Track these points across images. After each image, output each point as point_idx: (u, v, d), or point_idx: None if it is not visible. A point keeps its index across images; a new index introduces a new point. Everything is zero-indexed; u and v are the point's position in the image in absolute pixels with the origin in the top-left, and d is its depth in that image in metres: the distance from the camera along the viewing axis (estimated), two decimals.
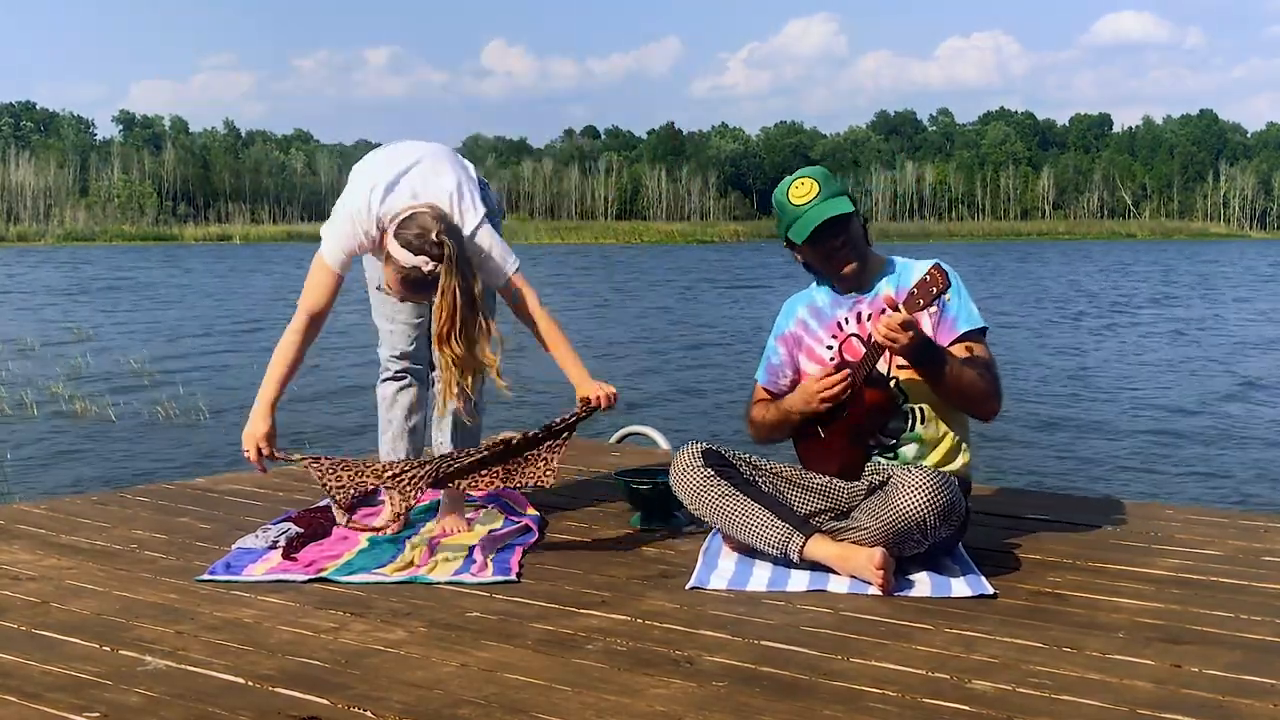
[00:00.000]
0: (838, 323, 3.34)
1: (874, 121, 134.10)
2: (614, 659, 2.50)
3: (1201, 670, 2.40)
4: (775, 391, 3.47)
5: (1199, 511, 4.18)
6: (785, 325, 3.45)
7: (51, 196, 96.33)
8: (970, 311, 3.26)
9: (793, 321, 3.43)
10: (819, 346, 3.36)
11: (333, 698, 2.27)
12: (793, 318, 3.44)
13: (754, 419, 3.46)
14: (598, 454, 5.03)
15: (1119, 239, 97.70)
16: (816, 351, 3.37)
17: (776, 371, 3.46)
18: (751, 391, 3.57)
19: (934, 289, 3.02)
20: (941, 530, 3.02)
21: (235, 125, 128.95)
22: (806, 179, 3.26)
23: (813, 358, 3.37)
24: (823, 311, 3.38)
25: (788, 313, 3.47)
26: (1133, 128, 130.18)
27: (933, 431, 3.25)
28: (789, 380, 3.45)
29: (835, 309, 3.35)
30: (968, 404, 3.23)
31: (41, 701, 2.24)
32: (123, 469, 8.98)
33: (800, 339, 3.41)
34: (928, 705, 2.23)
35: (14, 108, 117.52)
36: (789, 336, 3.43)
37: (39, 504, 4.22)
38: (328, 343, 17.68)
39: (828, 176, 3.28)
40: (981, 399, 3.20)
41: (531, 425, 3.44)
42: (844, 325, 3.32)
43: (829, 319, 3.36)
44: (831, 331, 3.34)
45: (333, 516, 3.68)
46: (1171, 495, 8.10)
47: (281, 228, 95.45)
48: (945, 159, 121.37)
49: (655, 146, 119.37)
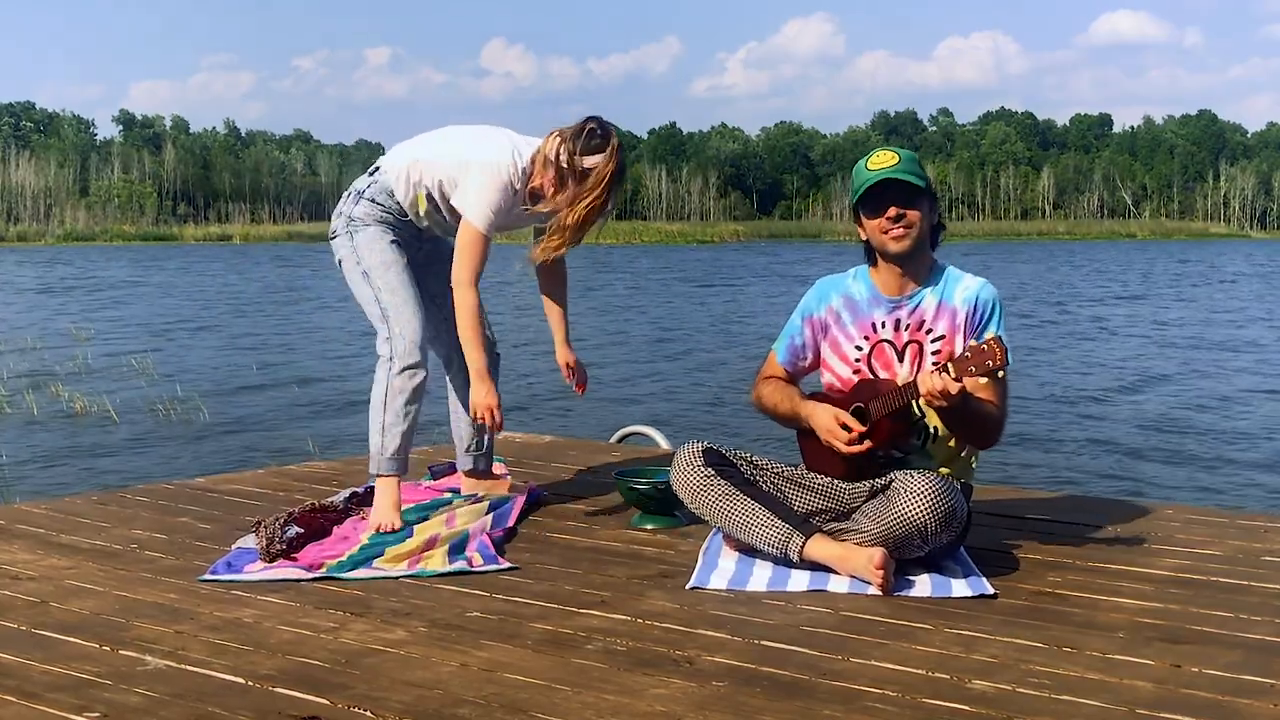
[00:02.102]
0: (873, 324, 3.27)
1: (874, 121, 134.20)
2: (614, 659, 2.50)
3: (1201, 670, 2.40)
4: (793, 371, 3.41)
5: (1199, 511, 4.18)
6: (814, 308, 3.36)
7: (51, 196, 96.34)
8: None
9: (823, 307, 3.34)
10: (847, 344, 3.30)
11: (333, 698, 2.27)
12: (825, 303, 3.35)
13: (763, 396, 3.38)
14: (598, 454, 5.04)
15: (1119, 239, 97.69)
16: (843, 348, 3.31)
17: (797, 352, 3.38)
18: (765, 360, 3.47)
19: (990, 363, 2.91)
20: (942, 536, 3.01)
21: (235, 125, 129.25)
22: (890, 151, 3.21)
23: (837, 352, 3.31)
24: (859, 306, 3.30)
25: (820, 295, 3.37)
26: (1133, 128, 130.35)
27: (943, 449, 3.24)
28: (808, 363, 3.39)
29: (873, 308, 3.27)
30: (971, 438, 3.22)
31: (41, 701, 2.24)
32: (123, 469, 8.98)
33: (828, 327, 3.33)
34: (928, 705, 2.23)
35: (14, 108, 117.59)
36: (816, 321, 3.35)
37: (39, 504, 4.22)
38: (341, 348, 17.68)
39: (913, 159, 3.21)
40: (985, 436, 3.19)
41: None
42: (879, 329, 3.26)
43: (864, 316, 3.28)
44: (864, 331, 3.28)
45: (333, 516, 3.68)
46: (1172, 495, 8.10)
47: (282, 228, 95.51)
48: (945, 159, 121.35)
49: (655, 146, 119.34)
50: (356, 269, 3.67)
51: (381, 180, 3.71)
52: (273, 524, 3.44)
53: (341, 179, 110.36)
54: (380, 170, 3.74)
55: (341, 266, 3.73)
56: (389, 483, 3.59)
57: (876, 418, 3.11)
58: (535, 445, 5.29)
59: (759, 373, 3.46)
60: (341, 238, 3.72)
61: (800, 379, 3.44)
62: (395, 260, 3.67)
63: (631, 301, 27.86)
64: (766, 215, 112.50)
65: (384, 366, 3.60)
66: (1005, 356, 2.91)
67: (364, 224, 3.68)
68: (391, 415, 3.59)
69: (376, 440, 3.60)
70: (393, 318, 3.61)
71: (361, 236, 3.67)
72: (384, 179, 3.71)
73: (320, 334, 19.82)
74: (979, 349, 2.94)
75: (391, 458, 3.58)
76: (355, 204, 3.71)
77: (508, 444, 5.21)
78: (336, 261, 3.75)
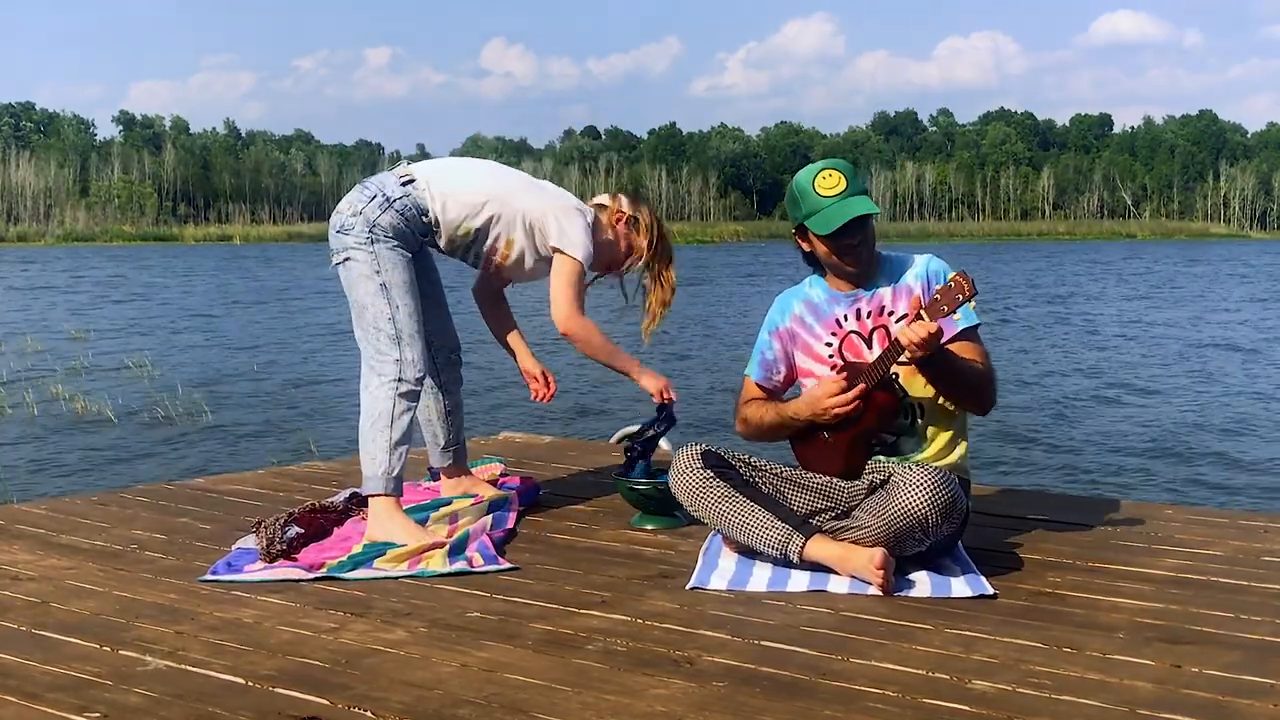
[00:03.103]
0: (837, 320, 3.32)
1: (874, 121, 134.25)
2: (614, 659, 2.50)
3: (1201, 670, 2.40)
4: (769, 388, 3.45)
5: (1199, 511, 4.18)
6: (779, 321, 3.42)
7: (51, 197, 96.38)
8: (968, 309, 3.25)
9: (787, 317, 3.40)
10: (817, 344, 3.35)
11: (333, 698, 2.27)
12: (788, 313, 3.41)
13: (747, 418, 3.42)
14: (598, 454, 5.04)
15: (1119, 239, 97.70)
16: (814, 349, 3.35)
17: (770, 367, 3.43)
18: (741, 388, 3.52)
19: (959, 295, 2.96)
20: (943, 527, 3.02)
21: (235, 125, 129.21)
22: (834, 171, 3.21)
23: (810, 354, 3.36)
24: (820, 308, 3.36)
25: (781, 308, 3.43)
26: (1133, 128, 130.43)
27: (931, 426, 3.25)
28: (783, 377, 3.43)
29: (833, 306, 3.33)
30: (966, 400, 3.24)
31: (41, 701, 2.24)
32: (123, 469, 8.98)
33: (795, 335, 3.38)
34: (927, 705, 2.23)
35: (14, 108, 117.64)
36: (783, 332, 3.41)
37: (39, 504, 4.22)
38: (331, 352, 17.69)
39: (854, 171, 3.24)
40: (979, 394, 3.22)
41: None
42: (843, 322, 3.31)
43: (827, 315, 3.34)
44: (830, 329, 3.33)
45: (333, 517, 3.68)
46: (1171, 495, 8.10)
47: (282, 228, 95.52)
48: (945, 159, 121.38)
49: (655, 146, 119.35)
50: (375, 278, 3.54)
51: (415, 196, 3.60)
52: (273, 524, 3.44)
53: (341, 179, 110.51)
54: (415, 184, 3.62)
55: (349, 265, 3.58)
56: (391, 503, 3.48)
57: (868, 385, 3.13)
58: (535, 445, 5.29)
59: (738, 402, 3.49)
60: (358, 239, 3.56)
61: (778, 397, 3.45)
62: (414, 283, 3.60)
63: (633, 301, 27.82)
64: (766, 215, 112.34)
65: (390, 387, 3.51)
66: (973, 286, 2.97)
67: (387, 235, 3.56)
68: (398, 433, 3.49)
69: (382, 459, 3.47)
70: (405, 342, 3.53)
71: (384, 248, 3.55)
72: (419, 196, 3.60)
73: (320, 334, 19.81)
74: (946, 288, 2.99)
75: (397, 477, 3.48)
76: (382, 211, 3.56)
77: (508, 444, 5.22)
78: (341, 258, 3.60)
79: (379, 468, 3.47)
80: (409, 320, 3.55)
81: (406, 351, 3.53)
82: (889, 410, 3.18)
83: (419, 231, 3.63)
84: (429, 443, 3.99)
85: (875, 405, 3.16)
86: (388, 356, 3.52)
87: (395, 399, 3.50)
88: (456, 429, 3.97)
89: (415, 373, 3.54)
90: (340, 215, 3.62)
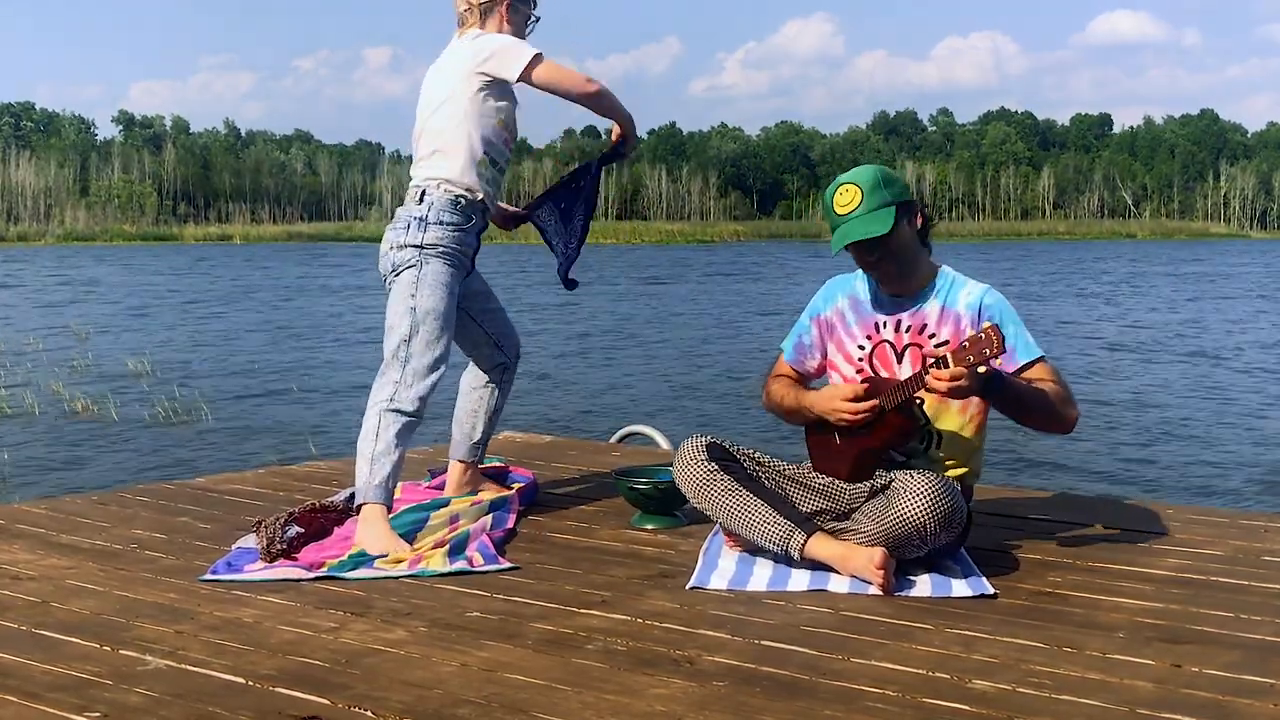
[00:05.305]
0: (875, 323, 3.28)
1: (874, 121, 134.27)
2: (614, 659, 2.50)
3: (1201, 670, 2.40)
4: (800, 371, 3.44)
5: (1199, 511, 4.18)
6: (823, 308, 3.39)
7: (51, 196, 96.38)
8: (1026, 342, 3.19)
9: (831, 307, 3.37)
10: (850, 343, 3.32)
11: (333, 698, 2.27)
12: (832, 302, 3.38)
13: (771, 393, 3.42)
14: (598, 454, 5.04)
15: (1119, 239, 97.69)
16: (847, 346, 3.32)
17: (805, 352, 3.42)
18: (774, 361, 3.51)
19: (986, 350, 2.91)
20: (942, 537, 3.00)
21: (235, 125, 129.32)
22: (850, 186, 3.16)
23: (842, 351, 3.33)
24: (863, 306, 3.32)
25: (828, 295, 3.40)
26: (1133, 128, 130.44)
27: (947, 454, 3.24)
28: (816, 363, 3.41)
29: (876, 308, 3.30)
30: (1041, 425, 3.20)
31: (41, 701, 2.24)
32: (123, 469, 8.98)
33: (834, 327, 3.36)
34: (927, 705, 2.23)
35: (14, 108, 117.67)
36: (824, 320, 3.38)
37: (39, 504, 4.22)
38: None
39: (876, 184, 3.15)
40: (1050, 416, 3.14)
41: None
42: (880, 329, 3.27)
43: (867, 316, 3.30)
44: (867, 331, 3.29)
45: (333, 517, 3.68)
46: (1172, 495, 8.10)
47: (282, 228, 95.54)
48: (945, 159, 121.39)
49: (655, 146, 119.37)
50: (410, 299, 3.56)
51: (434, 196, 3.61)
52: (273, 524, 3.44)
53: (341, 179, 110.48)
54: (425, 192, 3.63)
55: (394, 284, 3.62)
56: (376, 511, 3.48)
57: (887, 406, 3.11)
58: (535, 445, 5.29)
59: (768, 373, 3.48)
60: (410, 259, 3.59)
61: (808, 382, 3.45)
62: (446, 312, 3.60)
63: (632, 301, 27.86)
64: (766, 215, 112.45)
65: (379, 405, 3.54)
66: (1002, 344, 2.92)
67: (434, 251, 3.58)
68: (382, 445, 3.51)
69: (364, 469, 3.51)
70: (409, 371, 3.55)
71: (429, 270, 3.57)
72: (437, 195, 3.61)
73: (321, 334, 19.82)
74: (976, 339, 2.96)
75: (379, 486, 3.48)
76: (422, 231, 3.58)
77: (508, 444, 5.21)
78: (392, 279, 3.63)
79: (359, 478, 3.53)
80: (424, 351, 3.56)
81: (407, 378, 3.55)
82: (901, 433, 3.17)
83: (462, 225, 3.63)
84: (460, 436, 3.97)
85: (889, 425, 3.14)
86: (388, 378, 3.56)
87: (381, 415, 3.54)
88: (490, 428, 3.98)
89: (409, 400, 3.54)
90: (386, 258, 3.66)
